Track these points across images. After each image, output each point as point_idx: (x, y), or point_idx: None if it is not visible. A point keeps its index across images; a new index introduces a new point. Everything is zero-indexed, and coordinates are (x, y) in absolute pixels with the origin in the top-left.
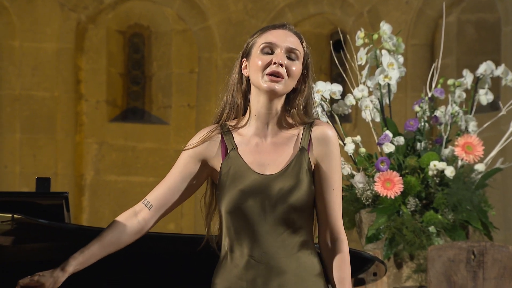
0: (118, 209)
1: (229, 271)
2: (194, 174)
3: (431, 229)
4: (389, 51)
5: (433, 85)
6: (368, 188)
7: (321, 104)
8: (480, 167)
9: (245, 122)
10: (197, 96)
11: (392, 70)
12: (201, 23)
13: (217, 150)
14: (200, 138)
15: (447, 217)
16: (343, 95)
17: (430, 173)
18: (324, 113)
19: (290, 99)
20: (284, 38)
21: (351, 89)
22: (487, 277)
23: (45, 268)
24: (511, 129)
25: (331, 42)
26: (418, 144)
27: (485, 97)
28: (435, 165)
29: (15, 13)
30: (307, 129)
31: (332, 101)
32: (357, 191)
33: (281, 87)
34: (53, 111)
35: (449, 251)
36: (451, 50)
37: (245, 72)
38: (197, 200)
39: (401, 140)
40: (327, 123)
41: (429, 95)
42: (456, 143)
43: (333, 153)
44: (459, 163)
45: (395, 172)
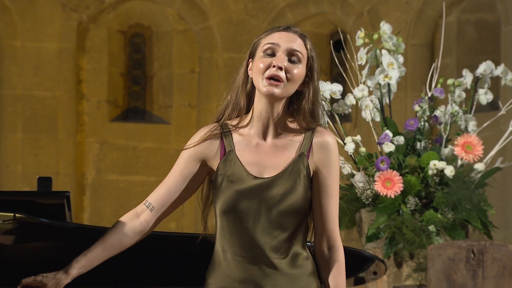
0: (119, 208)
1: (222, 271)
2: (194, 174)
3: (431, 228)
4: (389, 51)
5: (433, 85)
6: (368, 187)
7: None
8: (479, 167)
9: (247, 122)
10: (198, 95)
11: (392, 69)
12: (201, 23)
13: (216, 150)
14: (200, 137)
15: (446, 216)
16: (343, 95)
17: (430, 172)
18: (324, 112)
19: (295, 104)
20: (286, 39)
21: (351, 89)
22: (486, 276)
23: (47, 267)
24: (510, 129)
25: (331, 42)
26: (418, 143)
27: (484, 96)
28: (435, 164)
29: (16, 13)
30: (309, 135)
31: (332, 100)
32: (357, 191)
33: (280, 91)
34: (54, 111)
35: (449, 250)
36: (451, 50)
37: (250, 73)
38: (198, 199)
39: (401, 139)
40: (328, 131)
41: (429, 94)
42: (455, 142)
43: (333, 161)
44: (459, 162)
45: (395, 171)
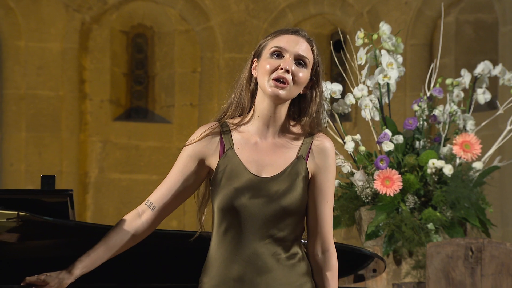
0: (122, 207)
1: (216, 269)
2: (193, 173)
3: (430, 226)
4: (388, 51)
5: (432, 85)
6: (367, 185)
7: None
8: (478, 165)
9: (247, 120)
10: (200, 95)
11: (391, 69)
12: (203, 23)
13: (215, 148)
14: (200, 135)
15: (445, 215)
16: (343, 94)
17: (428, 171)
18: (324, 112)
19: (300, 108)
20: (294, 44)
21: (351, 89)
22: (484, 274)
23: (50, 264)
24: (508, 128)
25: (331, 42)
26: (417, 142)
27: (482, 96)
28: (434, 163)
29: (20, 13)
30: (308, 140)
31: (332, 100)
32: (357, 189)
33: (285, 93)
34: (58, 110)
35: (447, 247)
36: (450, 50)
37: (254, 72)
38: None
39: (400, 138)
40: (327, 137)
41: (428, 94)
42: (454, 141)
43: (330, 167)
44: (457, 161)
45: (394, 170)
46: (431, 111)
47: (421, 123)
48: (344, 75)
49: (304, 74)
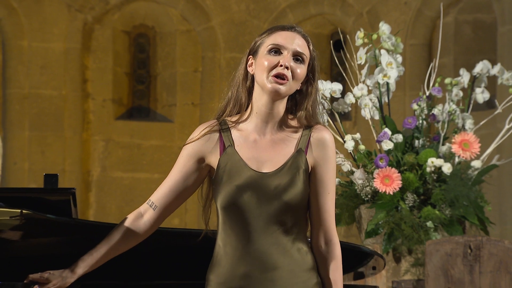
0: (124, 205)
1: (223, 267)
2: (194, 172)
3: (429, 224)
4: (388, 51)
5: (431, 84)
6: (367, 184)
7: (321, 102)
8: (476, 164)
9: (245, 117)
10: (201, 94)
11: (391, 69)
12: (204, 23)
13: (215, 146)
14: (199, 133)
15: (444, 213)
16: (343, 94)
17: (428, 169)
18: (324, 111)
19: (297, 102)
20: (292, 40)
21: (351, 88)
22: (483, 271)
23: (53, 262)
24: (507, 127)
25: (331, 42)
26: (416, 141)
27: (481, 95)
28: (433, 161)
29: (23, 14)
30: (307, 132)
31: (332, 99)
32: (356, 187)
33: (285, 88)
34: (60, 109)
35: (446, 245)
36: (449, 49)
37: (251, 69)
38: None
39: (399, 137)
40: (326, 128)
41: (427, 93)
42: (453, 140)
43: (330, 158)
44: (456, 159)
45: (393, 168)
46: (430, 110)
47: (420, 122)
48: (344, 75)
49: (302, 70)
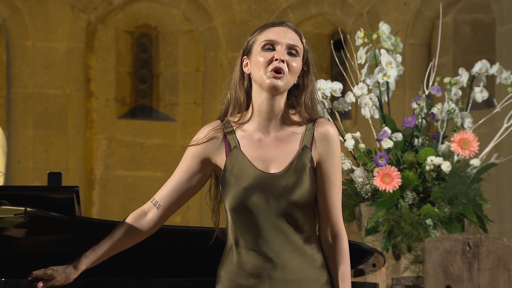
0: (127, 203)
1: (234, 265)
2: (197, 172)
3: (428, 221)
4: (387, 51)
5: (430, 83)
6: (367, 182)
7: (322, 101)
8: (475, 162)
9: (248, 117)
10: (203, 93)
11: (390, 68)
12: (206, 23)
13: (220, 147)
14: (204, 136)
15: (443, 210)
16: (344, 93)
17: (427, 168)
18: (325, 110)
19: (295, 96)
20: (284, 35)
21: (351, 87)
22: (482, 268)
23: (56, 259)
24: (505, 125)
25: (331, 41)
26: (415, 140)
27: (480, 94)
28: (432, 160)
29: (27, 14)
30: (310, 127)
31: (332, 98)
32: (357, 185)
33: (282, 83)
34: (64, 108)
35: (445, 243)
36: (448, 49)
37: (247, 69)
38: (202, 194)
39: (399, 136)
40: (330, 122)
41: (426, 92)
42: (452, 139)
43: (335, 152)
44: (455, 158)
45: (393, 167)
46: (429, 109)
47: (420, 121)
48: (344, 74)
49: (297, 63)
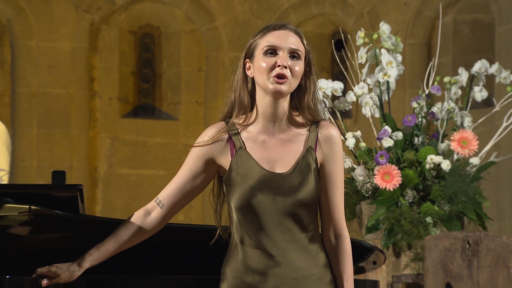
0: (130, 201)
1: (239, 262)
2: (201, 172)
3: (428, 219)
4: (388, 50)
5: (430, 83)
6: (368, 180)
7: (323, 100)
8: (475, 161)
9: (252, 119)
10: (205, 93)
11: (391, 68)
12: (208, 23)
13: (225, 148)
14: (209, 137)
15: (443, 208)
16: (344, 92)
17: (427, 166)
18: (326, 109)
19: (298, 98)
20: (286, 39)
21: (352, 86)
22: (481, 266)
23: (60, 256)
24: (504, 124)
25: (332, 41)
26: (415, 138)
27: (479, 94)
28: (432, 158)
29: (31, 14)
30: (314, 129)
31: (333, 97)
32: (357, 184)
33: (286, 87)
34: (68, 108)
35: (445, 240)
36: (448, 49)
37: (249, 73)
38: (205, 192)
39: (399, 135)
40: (332, 125)
41: (426, 92)
42: (452, 137)
43: (337, 153)
44: (455, 156)
45: (393, 165)
46: (429, 108)
47: (420, 120)
48: (345, 74)
49: (300, 66)
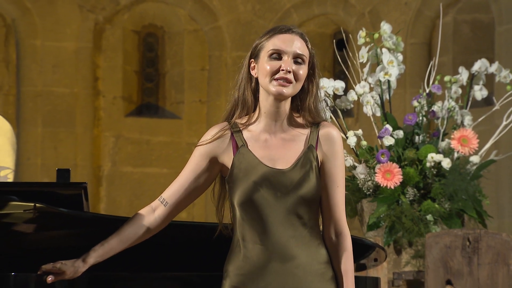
0: (134, 199)
1: (242, 259)
2: (205, 171)
3: (429, 217)
4: (389, 50)
5: (431, 82)
6: (369, 178)
7: (324, 99)
8: (475, 159)
9: (255, 118)
10: (208, 92)
11: (392, 67)
12: (211, 23)
13: (228, 147)
14: (212, 136)
15: (443, 206)
16: (346, 91)
17: (427, 164)
18: (327, 108)
19: (300, 100)
20: (291, 43)
21: (353, 86)
22: (481, 263)
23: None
24: (504, 123)
25: (334, 41)
26: (416, 137)
27: (479, 92)
28: (433, 157)
29: (37, 14)
30: (315, 129)
31: (335, 96)
32: (359, 182)
33: (289, 91)
34: (72, 107)
35: (445, 238)
36: (448, 48)
37: (254, 73)
38: (208, 190)
39: (400, 133)
40: (333, 125)
41: (427, 91)
42: (452, 136)
43: (338, 152)
44: (455, 155)
45: (394, 163)
46: (430, 107)
47: (421, 118)
48: (346, 73)
49: (303, 70)
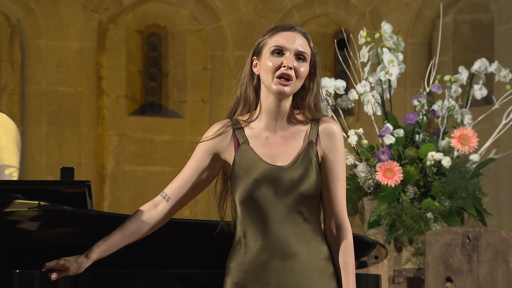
0: (137, 197)
1: (243, 256)
2: (207, 167)
3: (429, 215)
4: (389, 49)
5: (431, 81)
6: (370, 177)
7: (326, 98)
8: (474, 158)
9: (256, 116)
10: (210, 91)
11: (392, 67)
12: (214, 23)
13: (229, 143)
14: (214, 132)
15: (443, 204)
16: (347, 90)
17: (428, 163)
18: (329, 107)
19: (300, 97)
20: (293, 41)
21: (354, 85)
22: (481, 260)
23: (69, 251)
24: (503, 122)
25: (335, 40)
26: (416, 136)
27: (479, 92)
28: (433, 155)
29: (41, 14)
30: (315, 125)
31: (336, 95)
32: (359, 180)
33: (290, 88)
34: (76, 106)
35: (445, 235)
36: (448, 48)
37: (256, 70)
38: (210, 188)
39: (401, 132)
40: (332, 120)
41: (427, 90)
42: (452, 135)
43: (338, 147)
44: (455, 153)
45: (395, 162)
46: (430, 106)
47: (421, 117)
48: (347, 72)
49: (305, 68)
